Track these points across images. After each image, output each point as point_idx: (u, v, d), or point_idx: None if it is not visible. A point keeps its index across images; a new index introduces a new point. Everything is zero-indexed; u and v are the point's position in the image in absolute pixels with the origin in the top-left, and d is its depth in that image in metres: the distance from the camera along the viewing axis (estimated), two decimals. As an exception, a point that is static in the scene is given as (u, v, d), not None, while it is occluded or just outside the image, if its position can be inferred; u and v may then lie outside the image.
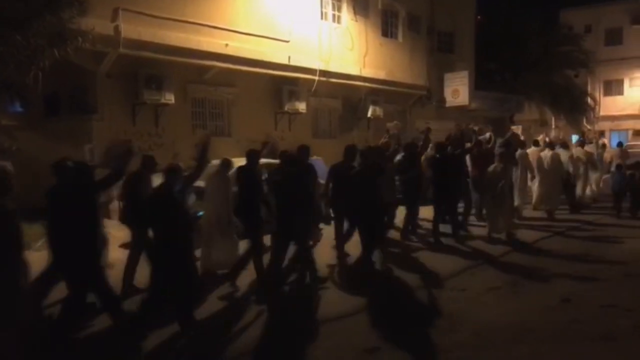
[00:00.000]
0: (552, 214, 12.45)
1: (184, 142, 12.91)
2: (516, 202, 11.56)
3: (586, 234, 10.82)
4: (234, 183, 7.62)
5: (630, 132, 32.55)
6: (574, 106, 29.61)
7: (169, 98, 12.95)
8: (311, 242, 8.03)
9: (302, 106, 16.21)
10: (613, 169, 14.16)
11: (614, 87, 36.43)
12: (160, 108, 13.22)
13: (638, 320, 5.87)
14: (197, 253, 7.00)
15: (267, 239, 7.34)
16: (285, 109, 15.90)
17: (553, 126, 32.24)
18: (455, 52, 23.01)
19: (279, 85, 15.77)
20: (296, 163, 7.51)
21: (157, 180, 6.33)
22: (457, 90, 21.78)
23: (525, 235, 10.44)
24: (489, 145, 11.63)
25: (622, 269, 7.98)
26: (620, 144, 17.46)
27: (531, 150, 13.60)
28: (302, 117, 16.59)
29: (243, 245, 7.60)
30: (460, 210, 10.72)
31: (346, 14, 17.67)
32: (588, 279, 7.50)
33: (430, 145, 10.49)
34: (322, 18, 16.87)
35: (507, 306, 6.42)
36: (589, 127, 32.61)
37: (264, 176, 8.22)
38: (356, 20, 17.96)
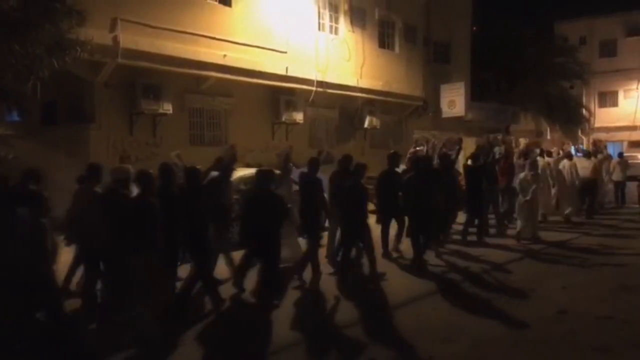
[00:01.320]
0: (569, 219, 13.30)
1: (181, 151, 12.90)
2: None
3: (583, 245, 10.86)
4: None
5: (625, 144, 32.70)
6: (569, 117, 29.77)
7: (167, 108, 12.98)
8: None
9: (299, 116, 16.26)
10: (614, 178, 15.51)
11: (608, 99, 36.66)
12: (157, 118, 13.24)
13: (634, 332, 5.89)
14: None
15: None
16: (283, 119, 15.95)
17: (548, 137, 32.37)
18: (451, 63, 23.16)
19: (277, 96, 15.83)
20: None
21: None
22: (454, 101, 21.90)
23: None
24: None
25: (618, 280, 8.00)
26: (621, 155, 17.69)
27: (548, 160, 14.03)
28: (299, 127, 16.64)
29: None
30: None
31: (343, 25, 17.79)
32: (584, 290, 7.52)
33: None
34: (319, 29, 16.97)
35: (503, 317, 6.42)
36: (584, 138, 32.77)
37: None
38: (353, 32, 18.07)
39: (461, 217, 11.15)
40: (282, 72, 15.36)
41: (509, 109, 25.93)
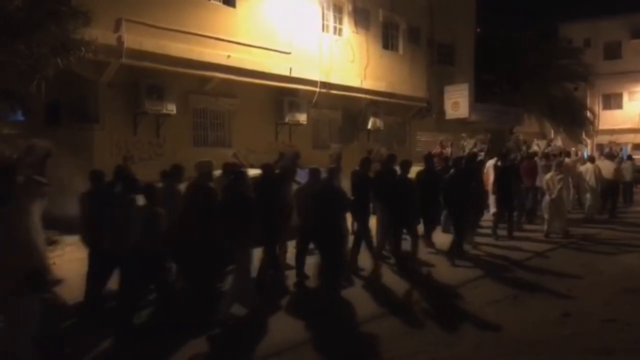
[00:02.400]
0: (592, 218, 14.02)
1: (185, 152, 12.95)
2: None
3: (588, 247, 10.86)
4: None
5: (629, 146, 32.62)
6: (573, 119, 29.67)
7: (171, 108, 13.00)
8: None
9: (302, 117, 16.26)
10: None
11: (613, 101, 36.54)
12: (161, 118, 13.26)
13: (637, 335, 5.87)
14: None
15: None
16: (286, 120, 15.95)
17: (552, 139, 32.28)
18: (454, 65, 23.14)
19: (280, 97, 15.84)
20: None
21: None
22: (457, 102, 21.88)
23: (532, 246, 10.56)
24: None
25: (622, 283, 7.98)
26: (630, 157, 17.84)
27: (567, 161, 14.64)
28: (303, 128, 16.64)
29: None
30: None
31: (347, 26, 17.79)
32: (588, 292, 7.51)
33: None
34: (323, 30, 16.98)
35: (507, 319, 6.41)
36: (588, 140, 32.70)
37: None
38: (357, 33, 18.08)
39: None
40: (285, 73, 15.37)
41: (512, 110, 25.88)
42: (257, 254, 7.13)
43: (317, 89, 16.37)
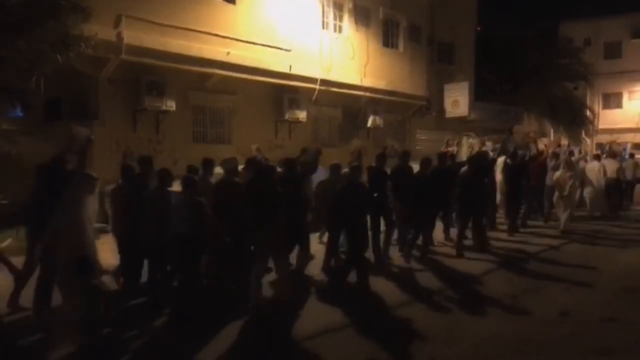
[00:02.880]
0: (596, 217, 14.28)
1: (184, 148, 12.94)
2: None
3: (589, 245, 10.86)
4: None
5: (628, 145, 32.57)
6: (573, 119, 29.66)
7: (170, 105, 12.98)
8: None
9: (302, 115, 16.24)
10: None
11: (612, 100, 36.54)
12: (161, 115, 13.24)
13: (638, 334, 5.86)
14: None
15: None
16: (286, 117, 15.93)
17: (552, 138, 32.28)
18: (455, 63, 23.12)
19: (280, 94, 15.81)
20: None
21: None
22: (457, 101, 21.87)
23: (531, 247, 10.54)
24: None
25: (622, 282, 7.98)
26: (632, 156, 17.93)
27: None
28: (302, 125, 16.62)
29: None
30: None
31: (347, 23, 17.77)
32: (588, 292, 7.50)
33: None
34: (323, 27, 16.96)
35: (505, 318, 6.40)
36: (588, 139, 32.68)
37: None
38: (357, 30, 18.05)
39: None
40: (285, 70, 15.34)
41: (512, 109, 25.86)
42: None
43: (317, 87, 16.34)
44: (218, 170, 8.25)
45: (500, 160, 12.45)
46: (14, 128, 11.32)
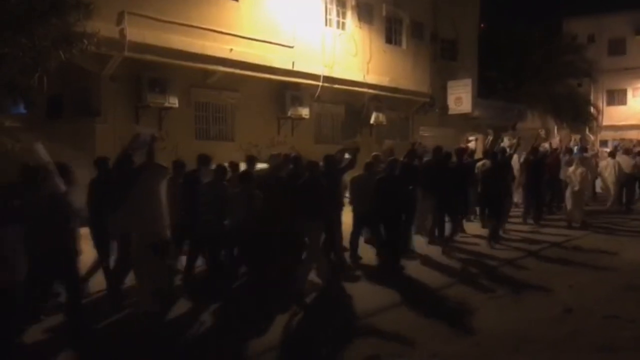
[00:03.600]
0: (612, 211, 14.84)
1: (186, 145, 12.93)
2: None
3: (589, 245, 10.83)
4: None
5: (634, 142, 32.47)
6: (577, 115, 29.58)
7: (173, 101, 12.98)
8: None
9: (305, 111, 16.23)
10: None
11: (617, 97, 36.42)
12: (163, 111, 13.24)
13: (640, 332, 5.85)
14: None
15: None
16: (289, 114, 15.92)
17: (556, 135, 32.21)
18: (458, 60, 23.05)
19: (283, 91, 15.80)
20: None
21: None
22: (460, 97, 21.81)
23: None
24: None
25: (624, 279, 7.95)
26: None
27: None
28: (305, 122, 16.61)
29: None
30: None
31: (350, 20, 17.72)
32: (591, 289, 7.48)
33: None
34: (326, 24, 16.92)
35: (508, 315, 6.39)
36: (592, 136, 32.58)
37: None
38: (360, 27, 18.01)
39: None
40: (288, 66, 15.33)
41: (515, 106, 25.80)
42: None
43: (320, 83, 16.32)
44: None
45: (515, 156, 12.95)
46: (17, 125, 11.33)
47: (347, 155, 10.38)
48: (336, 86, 16.97)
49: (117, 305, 6.51)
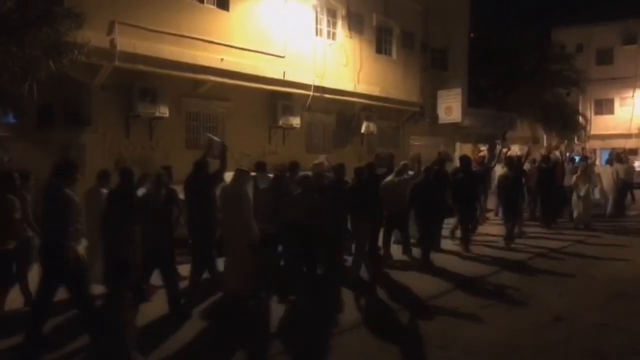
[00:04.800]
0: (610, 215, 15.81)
1: (177, 155, 12.91)
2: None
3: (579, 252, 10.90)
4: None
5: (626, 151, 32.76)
6: (566, 124, 29.85)
7: (164, 111, 12.95)
8: None
9: (296, 121, 16.25)
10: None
11: (604, 106, 36.77)
12: (154, 121, 13.21)
13: (630, 339, 5.89)
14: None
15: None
16: (280, 123, 15.93)
17: (545, 144, 32.45)
18: (448, 69, 23.19)
19: (274, 100, 15.82)
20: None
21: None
22: (450, 107, 21.91)
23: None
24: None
25: (614, 287, 8.01)
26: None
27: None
28: (296, 132, 16.63)
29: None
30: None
31: (341, 30, 17.80)
32: (580, 297, 7.53)
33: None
34: (317, 34, 16.98)
35: (499, 323, 6.42)
36: (580, 145, 32.85)
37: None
38: (351, 37, 18.09)
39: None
40: (279, 76, 15.35)
41: (505, 115, 25.99)
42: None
43: (311, 93, 16.36)
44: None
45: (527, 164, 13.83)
46: (7, 134, 11.28)
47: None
48: (327, 96, 17.01)
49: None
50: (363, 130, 18.59)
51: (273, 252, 7.99)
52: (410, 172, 10.28)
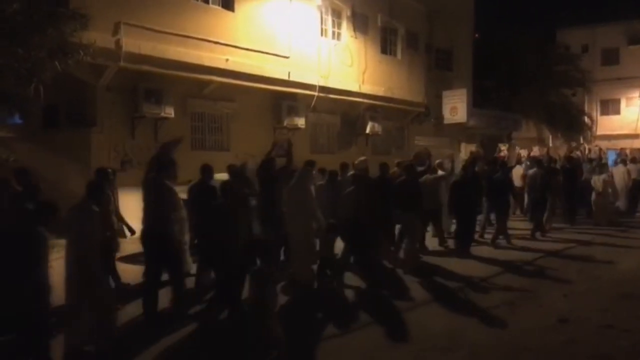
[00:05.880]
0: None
1: (182, 155, 12.90)
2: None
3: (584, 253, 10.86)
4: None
5: (628, 151, 32.58)
6: (571, 125, 29.75)
7: (169, 112, 12.98)
8: None
9: (301, 121, 16.25)
10: None
11: (610, 107, 36.59)
12: (159, 122, 13.24)
13: (635, 341, 5.86)
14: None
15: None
16: (284, 124, 15.94)
17: (550, 144, 32.34)
18: (453, 70, 23.17)
19: (278, 101, 15.83)
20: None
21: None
22: (455, 107, 21.89)
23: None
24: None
25: (619, 288, 7.97)
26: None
27: None
28: (301, 132, 16.63)
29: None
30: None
31: (346, 31, 17.81)
32: (585, 298, 7.49)
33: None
34: (321, 35, 17.00)
35: (504, 325, 6.39)
36: (586, 145, 32.70)
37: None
38: (355, 37, 18.10)
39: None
40: (284, 77, 15.37)
41: (510, 116, 25.92)
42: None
43: (316, 94, 16.37)
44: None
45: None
46: (12, 135, 11.33)
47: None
48: (332, 96, 17.02)
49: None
50: (368, 130, 18.58)
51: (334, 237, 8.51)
52: (441, 172, 11.34)
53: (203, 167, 8.38)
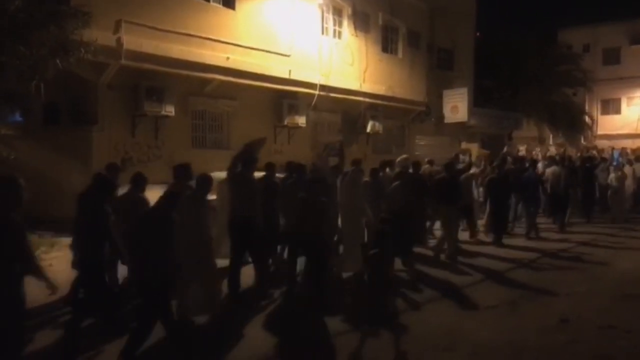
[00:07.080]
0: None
1: (183, 154, 12.91)
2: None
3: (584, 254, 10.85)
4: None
5: (629, 151, 32.57)
6: (572, 124, 29.76)
7: (170, 110, 12.97)
8: None
9: (301, 120, 16.25)
10: None
11: (611, 106, 36.58)
12: (160, 120, 13.23)
13: (637, 341, 5.85)
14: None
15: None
16: (285, 122, 15.93)
17: (551, 143, 32.33)
18: (454, 69, 23.15)
19: (279, 99, 15.82)
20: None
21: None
22: (456, 106, 21.88)
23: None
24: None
25: (620, 289, 7.97)
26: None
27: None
28: (302, 131, 16.63)
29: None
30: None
31: (347, 29, 17.80)
32: (587, 298, 7.49)
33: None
34: (323, 33, 16.99)
35: (505, 325, 6.39)
36: (587, 145, 32.73)
37: None
38: (356, 36, 18.09)
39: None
40: (285, 75, 15.36)
41: (511, 115, 25.91)
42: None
43: (317, 92, 16.37)
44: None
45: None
46: (12, 133, 11.30)
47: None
48: (333, 95, 17.01)
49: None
50: (369, 129, 18.58)
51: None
52: (474, 169, 12.15)
53: (268, 164, 9.37)
